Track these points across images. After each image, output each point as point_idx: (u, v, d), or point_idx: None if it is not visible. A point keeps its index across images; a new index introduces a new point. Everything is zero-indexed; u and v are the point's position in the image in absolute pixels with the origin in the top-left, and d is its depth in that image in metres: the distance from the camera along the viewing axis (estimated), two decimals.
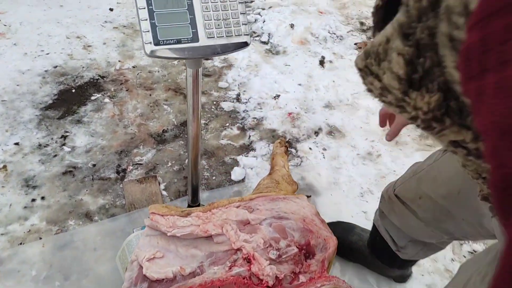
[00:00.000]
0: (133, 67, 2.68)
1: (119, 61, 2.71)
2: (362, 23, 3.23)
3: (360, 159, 2.16)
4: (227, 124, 2.32)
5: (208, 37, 1.20)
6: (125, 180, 1.99)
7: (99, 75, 2.58)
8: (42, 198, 1.87)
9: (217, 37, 1.21)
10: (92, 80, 2.54)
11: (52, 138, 2.15)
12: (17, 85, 2.41)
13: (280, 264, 1.36)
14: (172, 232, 1.44)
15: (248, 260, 1.35)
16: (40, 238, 1.72)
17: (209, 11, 1.20)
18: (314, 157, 2.15)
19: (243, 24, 1.24)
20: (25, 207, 1.83)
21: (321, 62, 2.77)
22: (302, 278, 1.34)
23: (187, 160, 1.61)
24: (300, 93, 2.52)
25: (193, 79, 1.34)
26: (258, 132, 2.28)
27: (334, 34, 3.04)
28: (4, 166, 1.98)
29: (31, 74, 2.50)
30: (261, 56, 2.81)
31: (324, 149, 2.20)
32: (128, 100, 2.43)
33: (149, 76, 2.62)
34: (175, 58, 1.18)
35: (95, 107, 2.35)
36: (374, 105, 2.47)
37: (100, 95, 2.44)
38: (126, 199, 1.89)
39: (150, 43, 1.15)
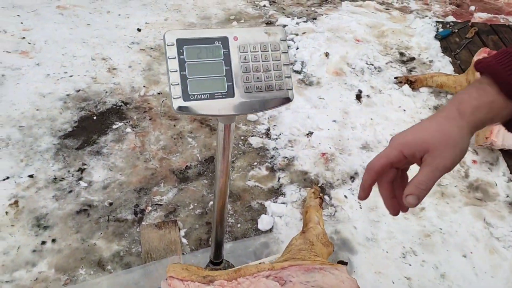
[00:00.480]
0: (158, 93, 2.55)
1: (144, 86, 2.59)
2: (402, 54, 3.04)
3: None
4: (255, 163, 2.15)
5: (245, 92, 1.04)
6: (142, 223, 1.84)
7: (122, 101, 2.46)
8: (53, 240, 1.74)
9: (256, 91, 1.05)
10: (114, 106, 2.42)
11: (68, 171, 2.02)
12: (37, 110, 2.31)
13: None
14: None
15: None
16: None
17: (248, 62, 1.04)
18: (349, 206, 1.96)
19: (286, 77, 1.08)
20: (34, 251, 1.69)
21: (358, 97, 2.59)
22: None
23: (213, 211, 1.45)
24: (335, 131, 2.34)
25: (224, 134, 1.18)
26: (289, 173, 2.11)
27: (372, 65, 2.86)
28: (16, 202, 1.85)
29: (52, 98, 2.40)
30: (294, 87, 2.64)
31: None
32: (151, 131, 2.29)
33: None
34: (207, 116, 1.03)
35: (116, 137, 2.22)
36: None
37: (122, 123, 2.31)
38: (143, 247, 1.73)
39: (180, 97, 0.99)
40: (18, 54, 2.69)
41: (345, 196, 2.00)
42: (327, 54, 2.88)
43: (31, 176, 1.97)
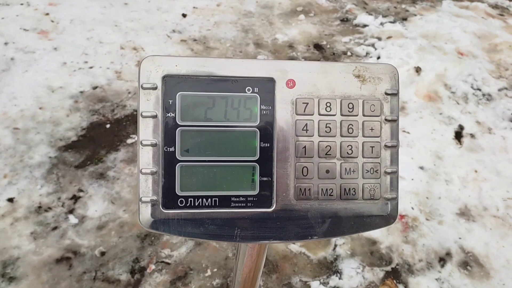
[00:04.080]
0: None
1: None
2: None
3: None
4: None
5: (297, 199, 0.52)
6: None
7: None
8: None
9: (321, 199, 0.53)
10: (135, 113, 1.98)
11: (59, 198, 1.61)
12: (40, 108, 1.92)
13: None
14: None
15: None
16: None
17: (311, 135, 0.53)
18: None
19: (387, 172, 0.55)
20: None
21: (458, 135, 1.97)
22: None
23: None
24: (422, 183, 1.75)
25: (249, 256, 0.66)
26: (350, 241, 1.56)
27: (480, 90, 2.21)
28: None
29: (61, 94, 2.00)
30: None
31: None
32: None
33: None
34: (210, 240, 0.52)
35: (128, 156, 1.78)
36: None
37: None
38: None
39: (155, 202, 0.50)
40: (37, 33, 2.33)
41: None
42: (418, 70, 2.27)
43: (10, 200, 1.58)
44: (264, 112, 0.51)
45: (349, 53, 2.47)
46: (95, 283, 1.40)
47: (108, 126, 1.91)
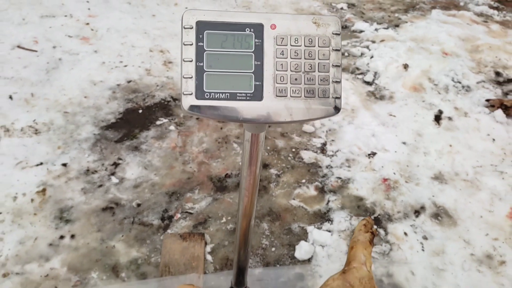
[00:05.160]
0: None
1: None
2: (498, 73, 2.65)
3: (475, 262, 1.63)
4: (303, 181, 1.94)
5: (277, 95, 0.85)
6: (167, 231, 1.71)
7: (172, 97, 2.37)
8: (72, 236, 1.66)
9: (292, 96, 0.85)
10: (163, 101, 2.34)
11: (103, 164, 1.95)
12: (85, 97, 2.29)
13: None
14: None
15: None
16: (55, 287, 1.49)
17: (286, 58, 0.85)
18: (409, 246, 1.67)
19: (334, 81, 0.87)
20: (50, 245, 1.62)
21: (437, 118, 2.27)
22: None
23: (236, 233, 1.27)
24: (403, 154, 2.05)
25: (251, 145, 0.99)
26: (341, 197, 1.87)
27: (460, 83, 2.51)
28: (43, 190, 1.81)
29: (102, 87, 2.38)
30: (361, 99, 2.39)
31: (425, 238, 1.71)
32: (195, 131, 2.17)
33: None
34: (223, 119, 0.85)
35: (157, 134, 2.13)
36: (504, 187, 1.91)
37: (167, 120, 2.22)
38: (162, 258, 1.60)
39: (192, 94, 0.83)
40: (79, 39, 2.73)
41: (405, 233, 1.72)
42: (406, 66, 2.59)
43: (64, 164, 1.93)
44: (257, 43, 0.84)
45: (346, 54, 2.81)
46: (133, 226, 1.73)
47: (140, 111, 2.27)
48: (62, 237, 1.66)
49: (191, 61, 0.83)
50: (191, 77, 0.83)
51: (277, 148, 2.11)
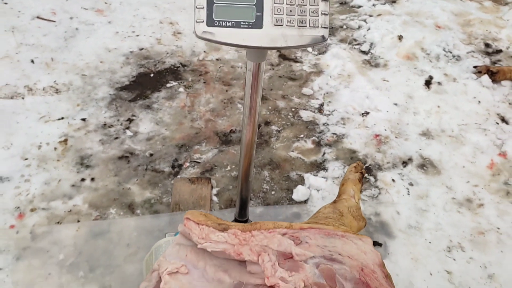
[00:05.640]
0: (217, 59, 2.59)
1: (204, 51, 2.64)
2: (487, 45, 2.78)
3: (456, 205, 1.79)
4: (302, 136, 2.10)
5: (275, 24, 1.00)
6: (178, 176, 1.88)
7: (181, 63, 2.53)
8: (92, 179, 1.83)
9: (287, 25, 1.01)
10: (172, 67, 2.49)
11: (118, 120, 2.12)
12: (100, 62, 2.45)
13: None
14: (203, 245, 1.26)
15: None
16: (78, 221, 1.66)
17: None
18: (396, 191, 1.83)
19: (322, 13, 1.02)
20: (72, 186, 1.79)
21: (427, 83, 2.41)
22: None
23: (239, 165, 1.43)
24: (394, 114, 2.20)
25: (253, 74, 1.15)
26: (335, 150, 2.02)
27: (450, 53, 2.65)
28: (65, 140, 1.98)
29: (116, 54, 2.53)
30: (357, 66, 2.54)
31: (411, 184, 1.87)
32: (203, 93, 2.33)
33: (231, 71, 2.50)
34: (229, 44, 1.00)
35: (168, 95, 2.29)
36: (486, 142, 2.06)
37: (176, 83, 2.37)
38: (173, 197, 1.77)
39: (203, 22, 0.98)
40: (94, 11, 2.88)
41: (393, 180, 1.87)
42: (400, 37, 2.73)
43: (83, 119, 2.09)
44: None
45: (344, 27, 2.95)
46: (146, 172, 1.90)
47: (152, 75, 2.43)
48: (83, 179, 1.83)
49: None
50: (203, 7, 0.98)
51: (278, 108, 2.26)
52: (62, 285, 1.48)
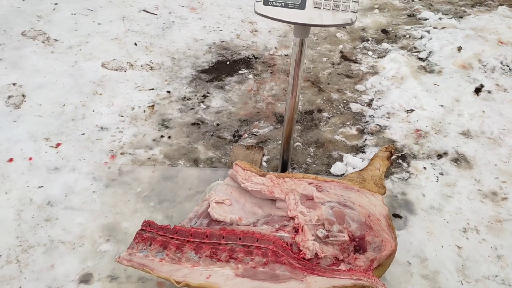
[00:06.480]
0: (285, 55, 2.88)
1: (275, 47, 2.95)
2: None
3: (480, 195, 1.89)
4: (348, 123, 2.31)
5: (314, 7, 1.27)
6: (236, 143, 2.19)
7: (253, 55, 2.86)
8: (169, 137, 2.20)
9: (324, 8, 1.27)
10: (246, 58, 2.83)
11: (195, 95, 2.49)
12: (188, 49, 2.86)
13: (325, 245, 1.33)
14: (245, 184, 1.55)
15: (296, 230, 1.36)
16: (154, 165, 2.03)
17: None
18: (425, 177, 1.98)
19: (353, 1, 1.27)
20: (153, 140, 2.18)
21: (477, 90, 2.50)
22: (342, 266, 1.29)
23: (283, 127, 1.70)
24: (439, 114, 2.33)
25: (298, 48, 1.42)
26: (376, 138, 2.21)
27: (507, 66, 2.69)
28: (153, 106, 2.39)
29: (201, 43, 2.93)
30: (412, 71, 2.69)
31: (441, 174, 2.00)
32: (268, 81, 2.63)
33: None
34: (278, 20, 1.28)
35: (239, 80, 2.63)
36: None
37: (247, 71, 2.71)
38: (230, 158, 2.08)
39: (260, 2, 1.28)
40: (189, 9, 3.33)
41: (424, 168, 2.02)
42: (459, 49, 2.82)
43: (168, 91, 2.49)
44: None
45: (407, 36, 3.09)
46: (212, 137, 2.23)
47: (228, 63, 2.78)
48: (162, 136, 2.21)
49: None
50: None
51: (331, 99, 2.50)
52: (137, 210, 1.84)
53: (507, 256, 1.63)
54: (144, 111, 2.35)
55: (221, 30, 3.10)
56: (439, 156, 2.10)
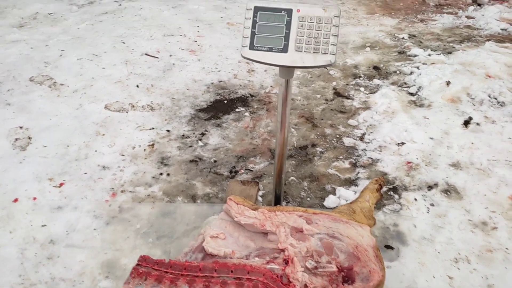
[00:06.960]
0: None
1: (270, 86, 3.06)
2: None
3: (470, 225, 1.92)
4: (341, 157, 2.37)
5: (296, 50, 1.36)
6: (233, 179, 2.24)
7: (250, 94, 2.96)
8: (168, 174, 2.27)
9: (305, 51, 1.36)
10: (243, 96, 2.94)
11: (194, 133, 2.57)
12: (187, 89, 2.98)
13: (314, 276, 1.36)
14: (238, 218, 1.60)
15: (286, 262, 1.40)
16: (153, 202, 2.09)
17: (303, 29, 1.37)
18: (416, 208, 2.01)
19: (332, 44, 1.36)
20: (153, 177, 2.24)
21: (466, 123, 2.56)
22: None
23: (274, 163, 1.76)
24: (429, 146, 2.39)
25: (284, 88, 1.51)
26: (368, 171, 2.26)
27: (495, 99, 2.77)
28: (152, 144, 2.47)
29: (200, 84, 3.05)
30: (402, 105, 2.77)
31: (432, 205, 2.03)
32: (264, 118, 2.72)
33: (291, 103, 2.87)
34: (263, 63, 1.38)
35: (235, 117, 2.72)
36: None
37: (243, 109, 2.80)
38: (226, 193, 2.13)
39: (247, 47, 1.38)
40: (188, 51, 3.48)
41: (415, 199, 2.06)
42: (448, 83, 2.91)
43: (168, 130, 2.58)
44: (288, 20, 1.37)
45: (397, 72, 3.20)
46: (209, 173, 2.30)
47: (225, 102, 2.88)
48: (161, 174, 2.28)
49: (249, 28, 1.38)
50: (248, 37, 1.38)
51: (325, 134, 2.57)
52: (136, 246, 1.88)
53: (498, 285, 1.64)
54: (145, 149, 2.43)
55: (219, 71, 3.22)
56: (430, 188, 2.14)
